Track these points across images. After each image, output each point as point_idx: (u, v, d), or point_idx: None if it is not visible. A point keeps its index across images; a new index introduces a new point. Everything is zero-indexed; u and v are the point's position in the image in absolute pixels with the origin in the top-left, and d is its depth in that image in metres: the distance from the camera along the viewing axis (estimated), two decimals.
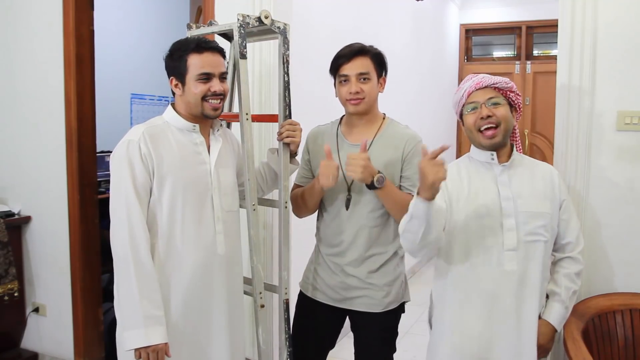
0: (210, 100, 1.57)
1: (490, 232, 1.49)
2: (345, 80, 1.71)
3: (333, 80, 1.77)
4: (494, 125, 1.49)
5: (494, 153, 1.52)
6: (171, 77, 1.60)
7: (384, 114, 1.83)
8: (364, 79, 1.70)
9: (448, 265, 1.56)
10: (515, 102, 1.55)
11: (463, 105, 1.54)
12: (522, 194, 1.51)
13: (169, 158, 1.55)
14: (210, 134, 1.67)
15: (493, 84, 1.51)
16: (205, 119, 1.62)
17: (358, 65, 1.71)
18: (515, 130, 1.60)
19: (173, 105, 1.65)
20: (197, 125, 1.62)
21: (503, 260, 1.48)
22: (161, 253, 1.56)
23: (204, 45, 1.56)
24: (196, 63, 1.55)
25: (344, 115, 1.85)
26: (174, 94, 1.64)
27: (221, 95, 1.59)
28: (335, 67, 1.75)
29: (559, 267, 1.59)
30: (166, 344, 1.48)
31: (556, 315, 1.54)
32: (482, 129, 1.50)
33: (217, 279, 1.64)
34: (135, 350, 1.46)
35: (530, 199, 1.51)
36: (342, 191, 1.74)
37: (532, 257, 1.50)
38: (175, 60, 1.57)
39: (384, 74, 1.78)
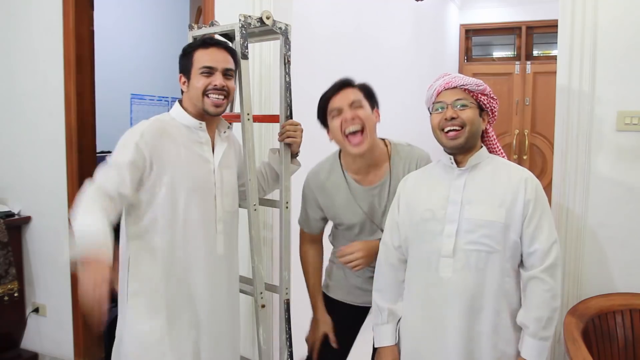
0: (211, 96, 1.56)
1: (431, 237, 1.44)
2: (337, 114, 1.62)
3: (326, 126, 1.68)
4: (457, 127, 1.44)
5: (452, 157, 1.47)
6: (180, 74, 1.62)
7: (383, 140, 1.74)
8: (357, 106, 1.61)
9: (408, 268, 1.55)
10: (488, 105, 1.48)
11: (432, 104, 1.51)
12: (473, 200, 1.42)
13: (172, 153, 1.55)
14: (217, 135, 1.66)
15: (462, 85, 1.46)
16: (207, 115, 1.61)
17: (347, 94, 1.62)
18: (489, 133, 1.53)
19: (180, 102, 1.65)
20: (204, 123, 1.61)
21: (439, 266, 1.42)
22: (163, 249, 1.56)
23: (209, 41, 1.59)
24: (200, 57, 1.57)
25: (340, 153, 1.75)
26: (182, 92, 1.65)
27: (223, 91, 1.57)
28: (323, 107, 1.65)
29: (527, 294, 1.41)
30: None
31: (531, 350, 1.39)
32: (446, 130, 1.44)
33: (217, 279, 1.64)
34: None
35: (481, 206, 1.41)
36: (375, 231, 1.70)
37: (474, 267, 1.39)
38: (184, 58, 1.60)
39: (376, 106, 1.70)
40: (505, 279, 1.41)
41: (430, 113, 1.51)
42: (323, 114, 1.67)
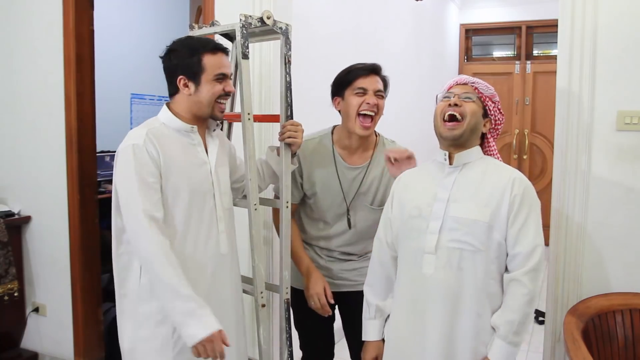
0: (220, 102, 1.60)
1: (417, 234, 1.45)
2: (361, 93, 1.75)
3: (338, 94, 1.79)
4: (457, 117, 1.44)
5: (447, 153, 1.47)
6: (180, 77, 1.56)
7: (374, 131, 1.87)
8: (380, 96, 1.77)
9: (398, 265, 1.56)
10: (492, 112, 1.50)
11: (442, 98, 1.52)
12: (459, 198, 1.42)
13: (173, 160, 1.55)
14: (207, 135, 1.67)
15: (473, 82, 1.49)
16: (212, 119, 1.64)
17: (375, 82, 1.77)
18: (489, 142, 1.54)
19: (168, 105, 1.63)
20: (195, 127, 1.61)
21: (422, 262, 1.43)
22: None
23: (218, 47, 1.60)
24: (213, 64, 1.56)
25: (334, 128, 1.87)
26: (171, 94, 1.62)
27: (229, 96, 1.64)
28: (349, 80, 1.76)
29: (505, 295, 1.39)
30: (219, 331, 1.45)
31: (498, 353, 1.36)
32: (446, 116, 1.45)
33: (222, 279, 1.63)
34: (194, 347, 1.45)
35: (466, 205, 1.41)
36: (342, 212, 1.85)
37: (456, 265, 1.39)
38: (186, 59, 1.55)
39: (385, 96, 1.84)
40: (490, 282, 1.39)
41: None
42: (343, 85, 1.77)
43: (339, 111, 1.83)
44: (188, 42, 1.59)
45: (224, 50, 1.62)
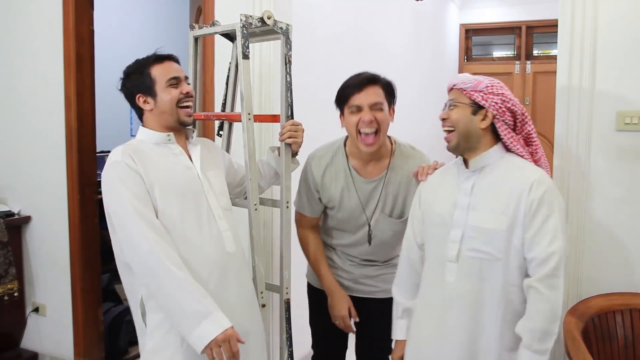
0: (183, 106, 1.58)
1: (440, 241, 1.44)
2: (356, 111, 1.67)
3: (339, 112, 1.75)
4: (450, 128, 1.43)
5: (461, 158, 1.45)
6: (137, 95, 1.58)
7: (389, 137, 1.80)
8: (378, 108, 1.67)
9: (424, 267, 1.55)
10: (485, 102, 1.39)
11: None
12: (478, 205, 1.40)
13: (155, 168, 1.53)
14: (187, 144, 1.66)
15: (454, 84, 1.45)
16: (181, 126, 1.61)
17: (370, 95, 1.67)
18: (503, 132, 1.43)
19: (142, 125, 1.64)
20: (172, 134, 1.60)
21: (444, 270, 1.42)
22: None
23: (162, 56, 1.60)
24: (161, 71, 1.57)
25: (346, 139, 1.82)
26: (139, 116, 1.63)
27: (192, 97, 1.61)
28: (344, 98, 1.70)
29: (527, 302, 1.36)
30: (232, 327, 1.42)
31: None
32: (443, 130, 1.46)
33: (232, 278, 1.60)
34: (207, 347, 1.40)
35: (484, 213, 1.38)
36: (362, 223, 1.80)
37: (477, 274, 1.38)
38: (137, 78, 1.58)
39: (393, 103, 1.75)
40: (511, 289, 1.38)
41: None
42: (342, 103, 1.72)
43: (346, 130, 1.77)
44: (135, 63, 1.62)
45: (170, 57, 1.61)
